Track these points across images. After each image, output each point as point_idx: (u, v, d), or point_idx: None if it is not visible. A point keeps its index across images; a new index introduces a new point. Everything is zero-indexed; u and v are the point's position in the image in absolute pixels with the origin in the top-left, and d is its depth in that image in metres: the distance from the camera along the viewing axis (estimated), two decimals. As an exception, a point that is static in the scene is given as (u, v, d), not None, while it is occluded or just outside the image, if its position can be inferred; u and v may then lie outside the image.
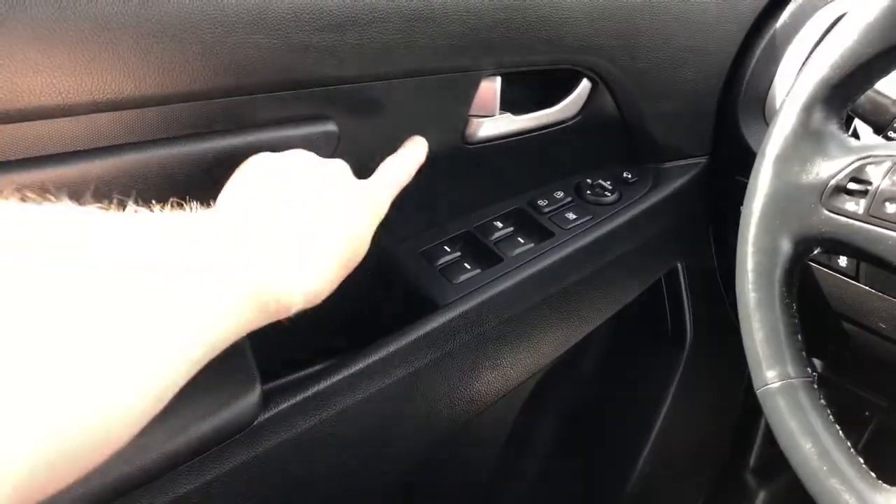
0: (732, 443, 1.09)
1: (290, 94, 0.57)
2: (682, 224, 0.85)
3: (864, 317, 0.77)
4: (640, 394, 0.94)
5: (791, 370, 0.53)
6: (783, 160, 0.56)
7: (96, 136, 0.50)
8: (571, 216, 0.77)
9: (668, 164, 0.84)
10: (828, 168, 0.54)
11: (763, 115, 0.83)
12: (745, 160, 0.83)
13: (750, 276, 0.55)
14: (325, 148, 0.61)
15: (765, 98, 0.83)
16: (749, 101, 0.83)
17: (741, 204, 0.87)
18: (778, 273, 0.55)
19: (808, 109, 0.55)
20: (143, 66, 0.49)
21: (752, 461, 1.11)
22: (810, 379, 0.53)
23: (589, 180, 0.82)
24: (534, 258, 0.73)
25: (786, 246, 0.55)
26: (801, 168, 0.55)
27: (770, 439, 1.11)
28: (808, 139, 0.55)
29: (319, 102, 0.59)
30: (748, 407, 1.07)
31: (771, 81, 0.83)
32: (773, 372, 0.53)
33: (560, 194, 0.80)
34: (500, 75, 0.70)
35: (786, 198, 0.55)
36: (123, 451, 0.52)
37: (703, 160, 0.86)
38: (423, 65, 0.63)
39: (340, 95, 0.60)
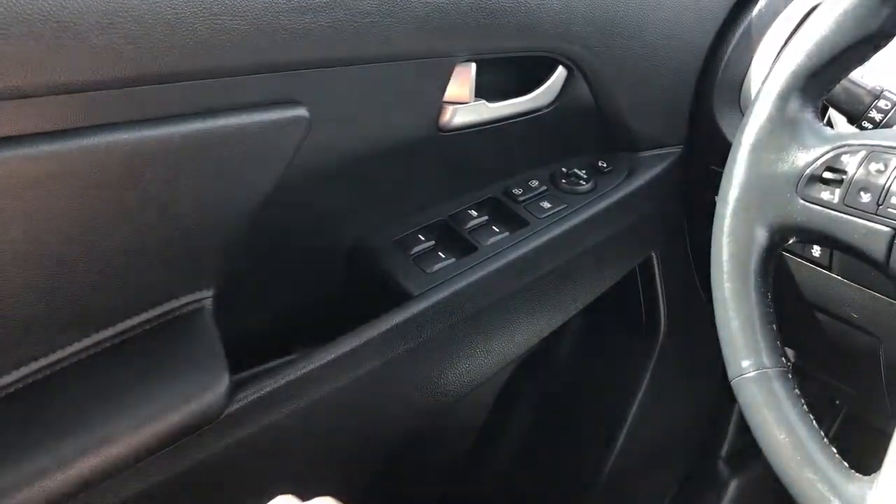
0: (705, 431, 1.09)
1: (259, 77, 0.56)
2: (656, 213, 0.85)
3: (836, 307, 0.77)
4: (614, 383, 0.94)
5: (766, 360, 0.52)
6: (759, 149, 0.55)
7: (54, 119, 0.48)
8: (546, 205, 0.77)
9: (643, 154, 0.84)
10: (803, 157, 0.54)
11: (738, 104, 0.83)
12: (721, 149, 0.83)
13: (725, 265, 0.55)
14: (295, 134, 0.60)
15: (740, 87, 0.83)
16: (724, 90, 0.82)
17: (716, 193, 0.86)
18: (753, 262, 0.54)
19: (783, 98, 0.55)
20: (104, 47, 0.47)
21: (724, 450, 1.11)
22: (785, 368, 0.53)
23: (564, 169, 0.81)
24: (508, 247, 0.72)
25: (761, 235, 0.54)
26: (776, 157, 0.54)
27: (743, 428, 1.12)
28: (783, 128, 0.55)
29: (290, 86, 0.58)
30: (721, 395, 1.07)
31: (746, 71, 0.82)
32: (748, 362, 0.53)
33: (535, 183, 0.79)
34: (476, 62, 0.69)
35: (761, 187, 0.55)
36: (88, 443, 0.51)
37: (678, 149, 0.85)
38: (397, 49, 0.62)
39: (311, 79, 0.59)
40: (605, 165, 0.82)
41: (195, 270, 0.61)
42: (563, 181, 0.80)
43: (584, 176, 0.80)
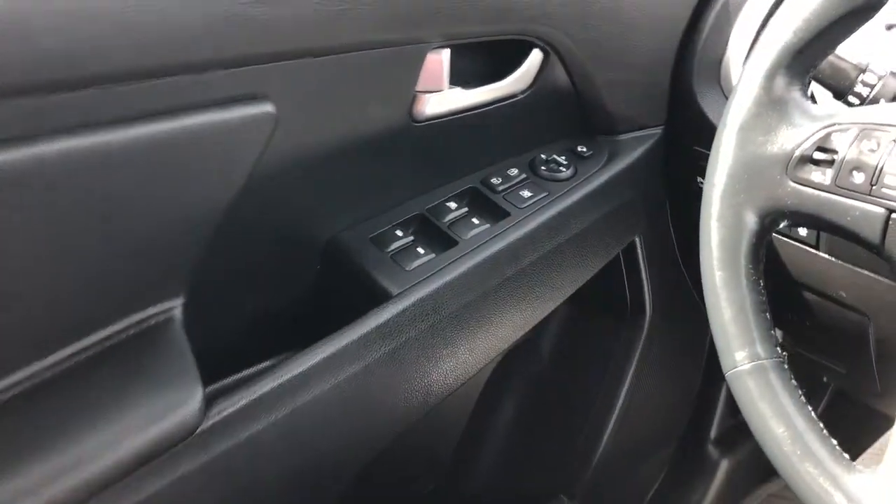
0: (693, 414, 1.08)
1: (220, 73, 0.53)
2: (639, 197, 0.83)
3: (824, 285, 0.76)
4: (600, 372, 0.92)
5: (760, 350, 0.51)
6: (746, 130, 0.53)
7: (6, 126, 0.45)
8: (527, 194, 0.74)
9: (622, 136, 0.82)
10: (792, 137, 0.52)
11: (718, 81, 0.81)
12: (702, 129, 0.81)
13: (714, 252, 0.53)
14: (262, 131, 0.57)
15: (719, 64, 0.81)
16: (703, 68, 0.80)
17: (698, 174, 0.85)
18: (744, 248, 0.53)
19: (770, 76, 0.53)
20: (55, 50, 0.44)
21: (713, 432, 1.10)
22: (780, 359, 0.51)
23: (543, 156, 0.79)
24: (490, 240, 0.70)
25: (751, 220, 0.53)
26: (764, 138, 0.52)
27: (731, 409, 1.12)
28: (771, 107, 0.53)
29: (255, 81, 0.56)
30: (708, 377, 1.06)
31: (725, 47, 0.80)
32: (742, 353, 0.51)
33: (514, 171, 0.77)
34: (448, 47, 0.66)
35: (750, 169, 0.53)
36: (51, 468, 0.48)
37: (658, 131, 0.83)
38: (366, 37, 0.60)
39: (277, 73, 0.56)
40: (584, 150, 0.80)
41: (162, 278, 0.58)
42: (543, 168, 0.77)
43: (564, 162, 0.78)
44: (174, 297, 0.59)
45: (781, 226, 0.53)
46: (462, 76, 0.70)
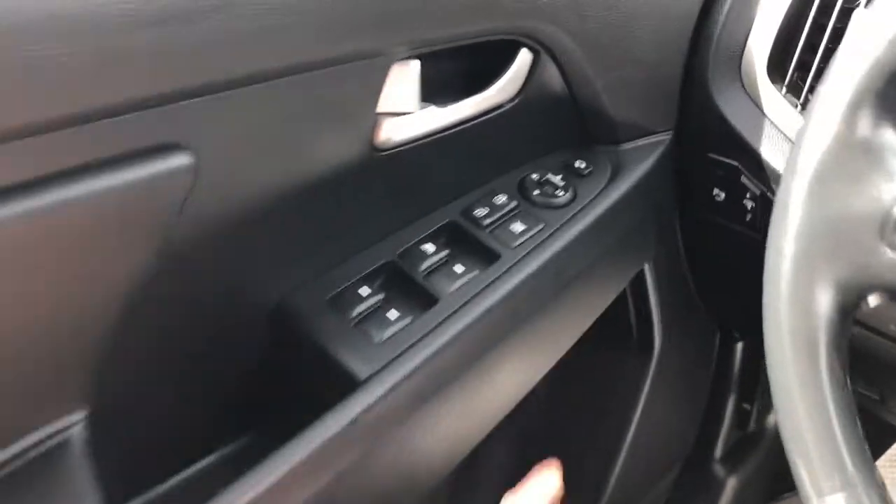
0: (698, 433, 0.98)
1: (119, 120, 0.39)
2: (648, 218, 0.70)
3: (872, 318, 0.65)
4: (605, 412, 0.81)
5: (853, 472, 0.39)
6: (824, 179, 0.40)
7: None
8: (518, 228, 0.61)
9: (626, 146, 0.69)
10: (888, 189, 0.39)
11: (739, 77, 0.68)
12: (718, 132, 0.69)
13: (787, 342, 0.40)
14: (176, 187, 0.43)
15: (740, 56, 0.68)
16: (721, 61, 0.68)
17: (714, 184, 0.73)
18: (823, 336, 0.40)
19: (854, 108, 0.39)
20: None
21: (718, 451, 1.01)
22: (880, 484, 0.39)
23: (535, 176, 0.65)
24: (479, 293, 0.56)
25: (834, 298, 0.40)
26: (850, 190, 0.40)
27: (737, 424, 1.02)
28: (856, 149, 0.40)
29: (165, 126, 0.42)
30: (713, 395, 0.96)
31: (747, 35, 0.67)
32: (831, 481, 0.39)
33: (502, 198, 0.63)
34: (418, 57, 0.52)
35: (832, 232, 0.40)
36: None
37: (667, 137, 0.70)
38: (311, 54, 0.46)
39: (192, 112, 0.42)
40: (583, 166, 0.67)
41: (56, 389, 0.44)
42: (536, 192, 0.64)
43: (561, 183, 0.64)
44: (74, 410, 0.45)
45: (873, 305, 0.40)
46: (435, 88, 0.56)
